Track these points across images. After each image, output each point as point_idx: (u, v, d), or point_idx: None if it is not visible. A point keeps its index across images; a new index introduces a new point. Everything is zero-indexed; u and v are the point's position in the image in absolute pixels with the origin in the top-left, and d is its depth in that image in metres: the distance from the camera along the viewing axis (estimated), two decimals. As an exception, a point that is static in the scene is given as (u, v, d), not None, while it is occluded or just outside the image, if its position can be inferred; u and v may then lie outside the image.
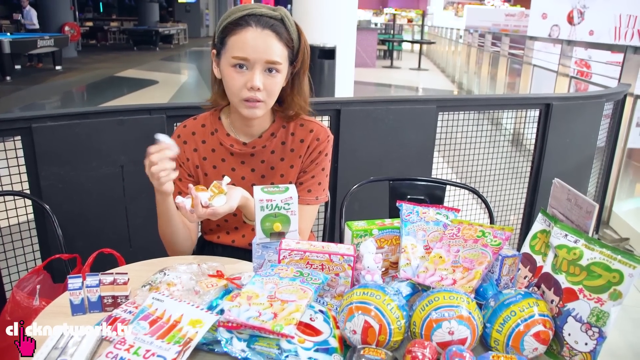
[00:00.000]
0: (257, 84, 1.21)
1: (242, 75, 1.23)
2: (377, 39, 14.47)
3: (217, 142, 1.39)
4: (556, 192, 1.11)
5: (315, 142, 1.38)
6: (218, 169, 1.40)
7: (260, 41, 1.21)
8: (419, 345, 0.86)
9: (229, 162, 1.40)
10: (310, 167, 1.40)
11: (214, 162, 1.40)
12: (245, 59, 1.21)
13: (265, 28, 1.21)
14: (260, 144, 1.38)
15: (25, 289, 1.39)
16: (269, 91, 1.25)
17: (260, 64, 1.22)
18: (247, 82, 1.22)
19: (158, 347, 0.87)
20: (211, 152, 1.40)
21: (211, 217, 1.18)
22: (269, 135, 1.38)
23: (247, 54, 1.21)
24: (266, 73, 1.23)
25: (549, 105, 2.71)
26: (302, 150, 1.39)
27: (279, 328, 0.85)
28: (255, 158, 1.40)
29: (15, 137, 1.86)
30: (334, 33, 4.88)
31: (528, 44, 6.53)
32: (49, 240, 1.93)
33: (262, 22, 1.21)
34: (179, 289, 1.05)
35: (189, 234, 1.36)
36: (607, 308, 0.88)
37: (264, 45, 1.21)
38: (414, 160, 2.51)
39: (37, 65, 11.48)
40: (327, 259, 1.03)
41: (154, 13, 21.40)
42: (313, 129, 1.39)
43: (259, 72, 1.22)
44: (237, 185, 1.40)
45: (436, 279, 1.03)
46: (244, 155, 1.39)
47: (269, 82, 1.24)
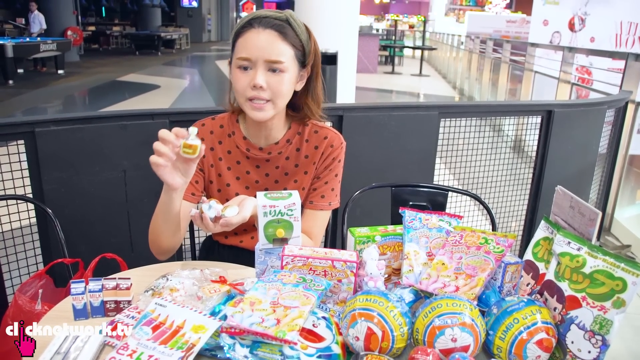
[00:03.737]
0: (258, 81, 1.22)
1: (246, 75, 1.24)
2: (378, 45, 14.51)
3: (234, 144, 1.40)
4: (559, 200, 1.11)
5: (329, 149, 1.40)
6: (232, 170, 1.40)
7: (261, 40, 1.22)
8: (421, 352, 0.86)
9: (244, 165, 1.40)
10: (324, 174, 1.41)
11: (229, 163, 1.40)
12: (248, 59, 1.22)
13: (267, 28, 1.23)
14: (276, 150, 1.39)
15: (28, 293, 1.39)
16: (274, 90, 1.24)
17: (262, 63, 1.22)
18: (251, 81, 1.23)
19: (161, 352, 0.87)
20: (227, 154, 1.40)
21: (225, 228, 1.13)
22: (285, 141, 1.39)
23: (248, 53, 1.22)
24: (270, 72, 1.24)
25: (551, 112, 2.71)
26: (317, 156, 1.40)
27: (282, 334, 0.85)
28: (270, 163, 1.40)
29: (18, 141, 1.86)
30: (335, 39, 4.90)
31: (529, 50, 6.55)
32: (51, 244, 1.93)
33: (264, 23, 1.23)
34: (181, 295, 1.05)
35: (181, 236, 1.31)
36: (610, 316, 0.88)
37: (265, 44, 1.22)
38: (416, 167, 2.51)
39: (41, 69, 11.52)
40: (329, 265, 1.03)
41: (156, 18, 21.50)
42: (327, 135, 1.40)
43: (261, 71, 1.23)
44: (251, 188, 1.41)
45: (439, 286, 1.03)
46: (259, 160, 1.40)
47: (273, 81, 1.24)
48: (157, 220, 1.24)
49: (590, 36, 7.27)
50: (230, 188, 1.41)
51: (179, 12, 25.78)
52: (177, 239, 1.29)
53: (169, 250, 1.30)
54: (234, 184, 1.41)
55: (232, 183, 1.41)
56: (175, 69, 14.32)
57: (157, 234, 1.26)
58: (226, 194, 1.40)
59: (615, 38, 6.74)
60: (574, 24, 7.56)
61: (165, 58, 16.52)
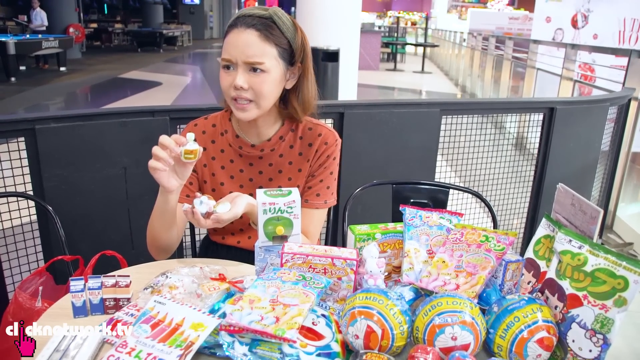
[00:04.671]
0: (238, 82, 1.22)
1: (229, 75, 1.24)
2: (380, 42, 14.48)
3: (227, 143, 1.39)
4: (560, 197, 1.10)
5: (323, 146, 1.38)
6: (226, 169, 1.40)
7: (240, 41, 1.21)
8: (421, 351, 0.85)
9: (237, 164, 1.40)
10: (319, 171, 1.40)
11: (222, 162, 1.40)
12: (229, 60, 1.22)
13: (249, 27, 1.21)
14: (269, 147, 1.38)
15: (28, 290, 1.39)
16: (255, 91, 1.23)
17: (241, 64, 1.22)
18: (233, 81, 1.23)
19: (159, 350, 0.86)
20: (220, 153, 1.40)
21: (216, 224, 1.16)
22: (278, 138, 1.38)
23: (229, 54, 1.22)
24: (251, 72, 1.23)
25: (553, 109, 2.70)
26: (311, 154, 1.39)
27: (281, 332, 0.85)
28: (263, 161, 1.39)
29: (19, 138, 1.86)
30: (337, 36, 4.88)
31: (532, 47, 6.52)
32: (52, 241, 1.93)
33: (246, 22, 1.22)
34: (181, 292, 1.04)
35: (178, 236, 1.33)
36: (611, 315, 0.87)
37: (243, 45, 1.21)
38: (417, 164, 2.50)
39: (43, 67, 11.53)
40: (329, 262, 1.02)
41: (158, 15, 21.49)
42: (321, 132, 1.39)
43: (242, 72, 1.22)
44: (245, 186, 1.40)
45: (439, 284, 1.02)
46: (252, 157, 1.39)
47: (255, 81, 1.23)
48: (153, 222, 1.27)
49: (593, 33, 7.24)
50: (224, 187, 1.40)
51: (181, 9, 25.78)
52: (175, 239, 1.31)
53: (166, 248, 1.32)
54: (228, 183, 1.41)
55: (226, 182, 1.41)
56: (177, 66, 14.33)
57: (153, 234, 1.29)
58: (220, 193, 1.39)
59: (618, 35, 6.70)
60: (577, 20, 7.52)
61: (167, 55, 16.52)
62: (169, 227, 1.27)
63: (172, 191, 1.18)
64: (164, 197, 1.20)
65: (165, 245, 1.31)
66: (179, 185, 1.20)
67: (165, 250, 1.33)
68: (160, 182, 1.15)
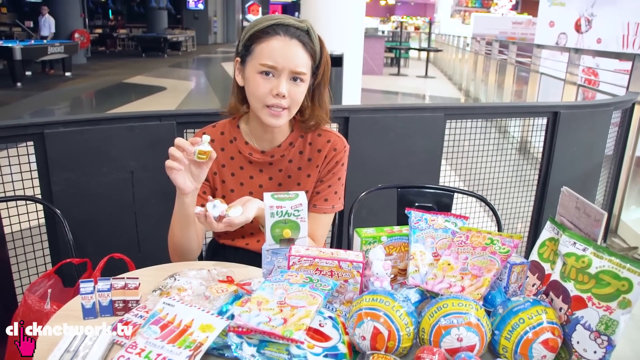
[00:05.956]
0: (282, 91, 1.24)
1: (268, 82, 1.25)
2: (384, 47, 14.51)
3: (236, 150, 1.41)
4: (565, 200, 1.11)
5: (332, 152, 1.40)
6: (236, 176, 1.42)
7: (288, 50, 1.24)
8: (427, 352, 0.86)
9: (247, 170, 1.41)
10: (327, 177, 1.41)
11: (232, 169, 1.42)
12: (273, 67, 1.24)
13: (293, 38, 1.24)
14: (279, 153, 1.40)
15: (37, 293, 1.41)
16: (293, 99, 1.27)
17: (287, 72, 1.24)
18: (273, 89, 1.24)
19: (169, 351, 0.88)
20: (230, 160, 1.42)
21: (228, 228, 1.19)
22: (288, 144, 1.40)
23: (275, 62, 1.23)
24: (291, 81, 1.26)
25: (557, 114, 2.70)
26: (320, 159, 1.40)
27: (289, 333, 0.86)
28: (273, 167, 1.41)
29: (27, 142, 1.88)
30: (341, 40, 4.91)
31: (535, 52, 6.53)
32: (60, 244, 1.94)
33: (290, 32, 1.24)
34: (189, 294, 1.05)
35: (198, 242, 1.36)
36: (616, 316, 0.88)
37: (292, 55, 1.24)
38: (422, 168, 2.51)
39: (49, 72, 11.60)
40: (336, 265, 1.03)
41: (163, 20, 21.59)
42: (330, 139, 1.41)
43: (285, 80, 1.24)
44: (255, 193, 1.42)
45: (445, 286, 1.03)
46: (262, 163, 1.41)
47: (294, 91, 1.26)
48: (173, 229, 1.32)
49: (597, 37, 7.24)
50: (234, 194, 1.42)
51: (185, 15, 25.86)
52: (195, 245, 1.35)
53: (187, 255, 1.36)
54: (238, 190, 1.43)
55: (236, 189, 1.43)
56: (182, 71, 14.37)
57: (174, 241, 1.33)
58: (230, 200, 1.41)
59: (622, 39, 6.71)
60: (580, 25, 7.53)
61: (172, 60, 16.58)
62: (188, 233, 1.31)
63: (187, 194, 1.22)
64: (180, 200, 1.24)
65: (187, 251, 1.34)
66: (194, 189, 1.23)
67: (186, 257, 1.36)
68: (176, 183, 1.20)
